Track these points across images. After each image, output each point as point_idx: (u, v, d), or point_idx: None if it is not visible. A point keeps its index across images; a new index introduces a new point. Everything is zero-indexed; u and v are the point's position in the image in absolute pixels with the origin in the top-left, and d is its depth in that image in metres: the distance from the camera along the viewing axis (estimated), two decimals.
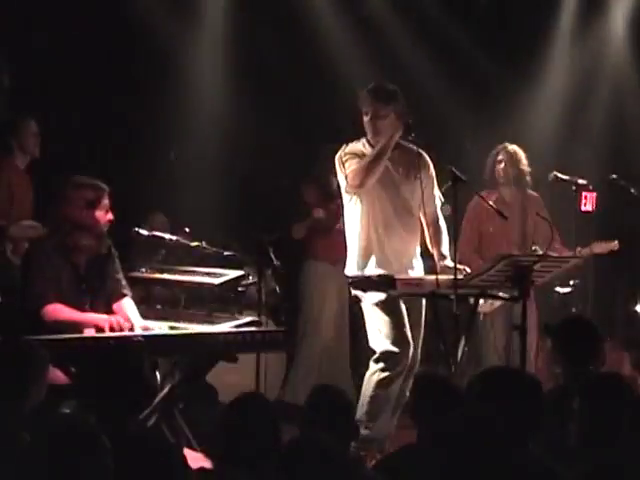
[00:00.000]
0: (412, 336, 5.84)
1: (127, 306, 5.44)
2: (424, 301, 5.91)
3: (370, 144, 5.94)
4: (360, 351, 6.53)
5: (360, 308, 5.97)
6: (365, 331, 5.93)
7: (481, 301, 6.11)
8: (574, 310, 7.54)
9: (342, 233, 6.10)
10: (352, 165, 5.82)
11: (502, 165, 7.10)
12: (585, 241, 7.02)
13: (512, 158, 7.08)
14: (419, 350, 5.92)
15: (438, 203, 6.09)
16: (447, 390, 4.04)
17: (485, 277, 5.66)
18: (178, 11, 7.99)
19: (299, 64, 8.31)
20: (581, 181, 7.05)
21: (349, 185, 5.84)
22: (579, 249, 6.86)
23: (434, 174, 6.05)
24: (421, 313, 5.92)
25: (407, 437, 4.29)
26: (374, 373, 5.80)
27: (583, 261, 7.02)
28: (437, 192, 6.08)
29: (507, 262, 5.59)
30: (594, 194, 7.25)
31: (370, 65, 8.06)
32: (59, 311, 5.18)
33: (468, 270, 5.84)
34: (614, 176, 7.32)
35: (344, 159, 5.87)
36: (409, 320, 5.83)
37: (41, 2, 7.46)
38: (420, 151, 5.93)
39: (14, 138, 6.76)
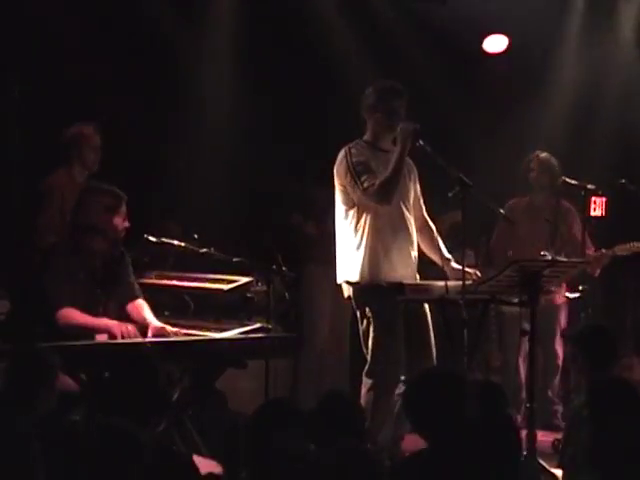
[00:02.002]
0: (425, 341, 5.81)
1: (141, 307, 5.48)
2: (427, 306, 5.89)
3: (368, 144, 5.88)
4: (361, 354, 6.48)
5: (355, 314, 5.90)
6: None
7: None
8: (583, 315, 7.52)
9: None
10: (370, 179, 5.69)
11: (534, 173, 7.23)
12: (595, 246, 7.05)
13: (544, 166, 7.20)
14: (434, 354, 5.88)
15: (423, 207, 6.08)
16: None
17: (494, 282, 5.64)
18: (186, 14, 7.99)
19: (306, 70, 8.30)
20: (590, 186, 7.05)
21: (371, 199, 5.70)
22: (603, 251, 6.95)
23: (417, 179, 6.05)
24: (427, 317, 5.89)
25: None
26: (369, 390, 5.75)
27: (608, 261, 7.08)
28: (421, 198, 6.07)
29: (516, 267, 5.58)
30: (603, 199, 7.25)
31: (378, 68, 8.06)
32: (72, 315, 5.22)
33: (478, 274, 5.84)
34: (623, 181, 7.30)
35: (357, 169, 5.74)
36: (418, 326, 5.81)
37: (48, 8, 7.46)
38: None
39: (74, 149, 6.57)
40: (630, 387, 3.85)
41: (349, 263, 5.84)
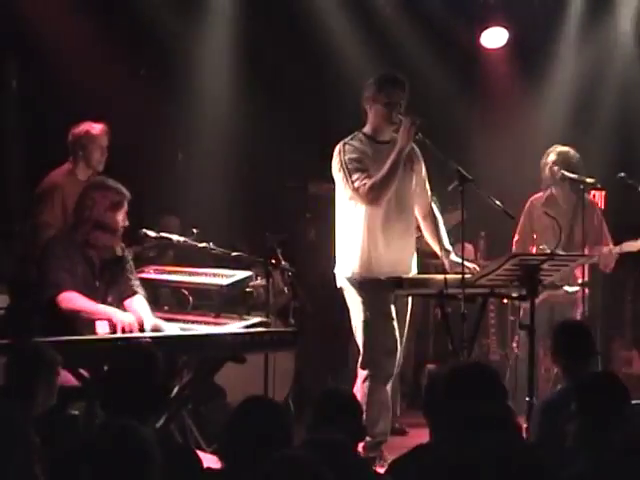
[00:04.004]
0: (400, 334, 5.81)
1: (138, 303, 5.48)
2: (410, 299, 5.89)
3: (368, 137, 5.84)
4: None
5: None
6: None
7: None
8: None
9: None
10: (362, 178, 5.66)
11: (552, 166, 7.19)
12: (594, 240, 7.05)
13: (561, 159, 7.16)
14: (402, 347, 5.85)
15: (430, 195, 6.05)
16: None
17: (493, 276, 5.64)
18: (184, 12, 8.00)
19: (305, 65, 8.31)
20: (589, 180, 7.04)
21: (362, 199, 5.69)
22: (609, 247, 6.94)
23: (424, 166, 6.01)
24: (407, 309, 5.89)
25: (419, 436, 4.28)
26: (364, 381, 5.73)
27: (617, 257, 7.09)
28: (427, 185, 6.04)
29: (515, 261, 5.57)
30: (603, 192, 7.24)
31: (377, 64, 8.05)
32: (74, 299, 5.22)
33: (477, 268, 5.83)
34: (622, 174, 7.29)
35: (349, 167, 5.71)
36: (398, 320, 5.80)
37: (48, 5, 7.45)
38: (412, 144, 5.84)
39: (81, 147, 6.42)
40: (617, 380, 3.84)
41: (344, 255, 5.85)
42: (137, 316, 5.31)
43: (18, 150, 7.62)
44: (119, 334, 5.10)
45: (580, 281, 7.34)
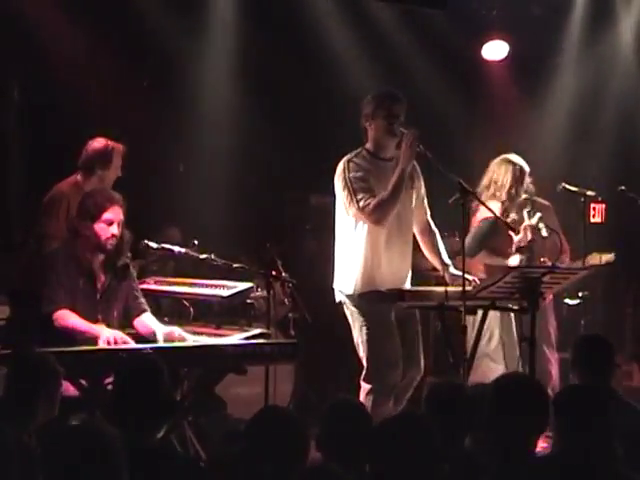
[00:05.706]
0: (413, 344, 5.81)
1: (148, 320, 5.47)
2: (417, 311, 5.89)
3: (370, 153, 5.83)
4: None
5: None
6: None
7: None
8: (583, 322, 7.52)
9: None
10: (367, 198, 5.64)
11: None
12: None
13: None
14: (422, 359, 5.87)
15: (428, 210, 6.05)
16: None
17: (494, 289, 5.64)
18: (187, 24, 8.02)
19: (307, 76, 8.33)
20: (590, 192, 7.04)
21: (367, 219, 5.68)
22: (567, 261, 6.90)
23: (423, 183, 5.99)
24: (417, 322, 5.89)
25: None
26: (367, 394, 5.72)
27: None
28: (425, 201, 6.03)
29: (516, 274, 5.58)
30: (603, 205, 7.24)
31: (378, 77, 8.08)
32: (68, 317, 5.22)
33: (477, 281, 5.84)
34: (623, 187, 7.30)
35: (354, 186, 5.69)
36: (407, 331, 5.81)
37: (48, 11, 7.47)
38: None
39: (99, 165, 6.29)
40: (597, 393, 3.81)
41: (344, 271, 5.83)
42: (150, 335, 5.32)
43: (19, 161, 7.63)
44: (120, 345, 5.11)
45: (580, 294, 7.35)
